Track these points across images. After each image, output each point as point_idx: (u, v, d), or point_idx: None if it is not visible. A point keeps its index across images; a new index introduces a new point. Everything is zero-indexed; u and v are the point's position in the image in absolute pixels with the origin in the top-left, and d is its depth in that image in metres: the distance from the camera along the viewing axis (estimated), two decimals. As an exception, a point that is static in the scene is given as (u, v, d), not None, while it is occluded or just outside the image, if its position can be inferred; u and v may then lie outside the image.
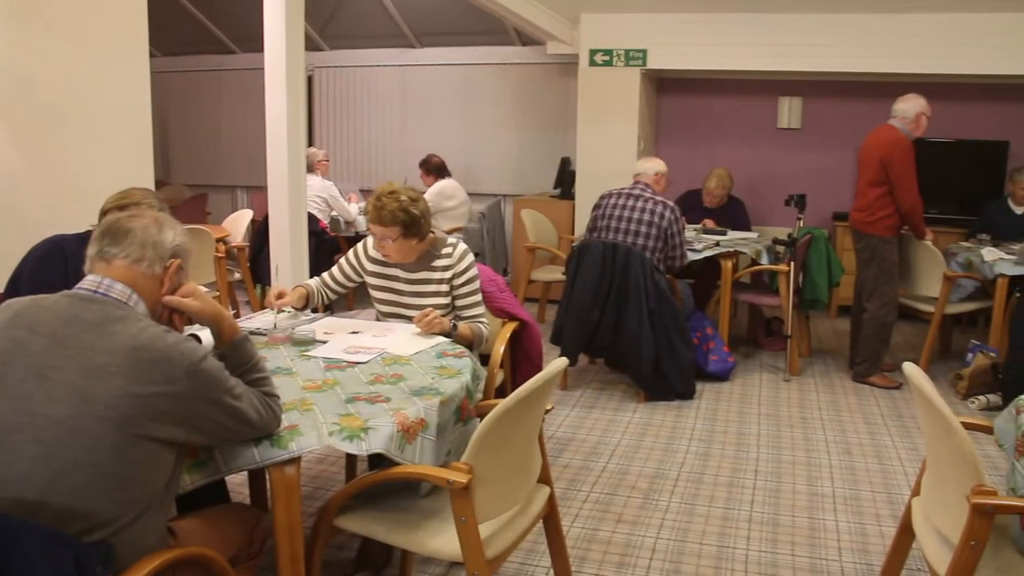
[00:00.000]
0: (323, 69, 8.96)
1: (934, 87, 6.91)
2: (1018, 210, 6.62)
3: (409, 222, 3.14)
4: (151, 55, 4.10)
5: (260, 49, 4.72)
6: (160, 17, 5.04)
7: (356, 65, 8.89)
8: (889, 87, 5.97)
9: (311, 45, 8.55)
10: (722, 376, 5.49)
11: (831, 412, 5.00)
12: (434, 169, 7.39)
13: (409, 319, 3.21)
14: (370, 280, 3.44)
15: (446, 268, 3.31)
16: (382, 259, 3.35)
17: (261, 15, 4.66)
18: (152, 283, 1.98)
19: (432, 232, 3.33)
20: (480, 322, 3.33)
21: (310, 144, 8.45)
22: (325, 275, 3.52)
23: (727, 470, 4.10)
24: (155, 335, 1.82)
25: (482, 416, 2.20)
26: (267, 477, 2.12)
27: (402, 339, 3.02)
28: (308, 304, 3.43)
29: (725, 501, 3.75)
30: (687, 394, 5.11)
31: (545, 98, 8.39)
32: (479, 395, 2.75)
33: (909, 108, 5.33)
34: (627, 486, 3.87)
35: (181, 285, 2.06)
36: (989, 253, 5.67)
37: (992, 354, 5.36)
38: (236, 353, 2.10)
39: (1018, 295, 5.05)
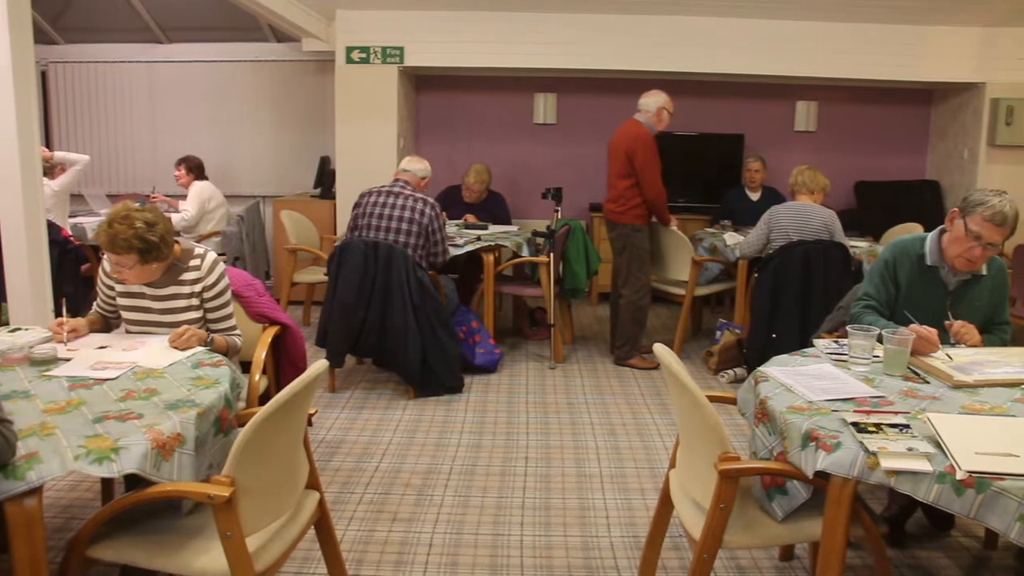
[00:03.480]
0: (59, 64, 8.28)
1: (679, 84, 7.39)
2: (753, 196, 7.20)
3: (146, 249, 2.90)
4: None
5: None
6: None
7: (97, 60, 8.27)
8: (637, 84, 6.30)
9: (43, 38, 7.93)
10: (489, 368, 5.59)
11: (595, 395, 5.22)
12: (195, 168, 7.02)
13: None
14: (118, 300, 3.20)
15: (195, 281, 3.14)
16: None
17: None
18: None
19: (177, 242, 3.13)
20: (234, 334, 3.21)
21: (47, 145, 7.85)
22: (97, 300, 3.27)
23: (498, 459, 4.18)
24: None
25: (244, 425, 2.12)
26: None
27: (155, 351, 2.86)
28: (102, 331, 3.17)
29: (498, 490, 3.82)
30: (456, 388, 5.17)
31: (302, 96, 8.21)
32: (241, 404, 2.66)
33: (651, 103, 5.66)
34: (401, 484, 3.86)
35: None
36: (731, 238, 6.12)
37: (737, 331, 5.80)
38: None
39: (756, 275, 5.48)
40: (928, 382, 2.66)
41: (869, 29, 7.10)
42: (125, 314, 3.19)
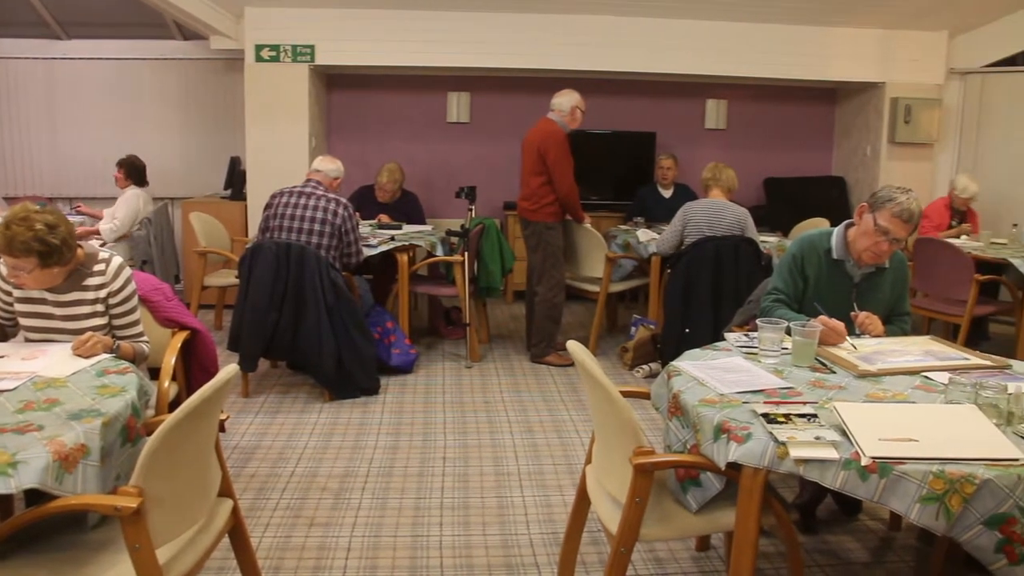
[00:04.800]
0: (-55, 61, 7.93)
1: (592, 83, 7.46)
2: (666, 193, 7.32)
3: (46, 252, 2.77)
4: None
5: None
6: None
7: (-12, 56, 7.97)
8: (550, 82, 6.34)
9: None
10: (405, 368, 5.55)
11: (512, 394, 5.23)
12: (134, 173, 6.77)
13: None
14: (16, 307, 3.06)
15: (100, 286, 3.03)
16: None
17: None
18: None
19: (80, 246, 3.00)
20: (141, 341, 3.12)
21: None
22: None
23: (416, 460, 4.16)
24: None
25: (152, 434, 2.06)
26: None
27: (57, 360, 2.75)
28: None
29: (416, 491, 3.80)
30: (372, 389, 5.13)
31: (211, 95, 8.02)
32: (149, 412, 2.59)
33: (564, 102, 5.70)
34: (318, 488, 3.81)
35: None
36: (644, 234, 6.19)
37: (651, 326, 5.88)
38: None
39: (669, 271, 5.56)
40: (835, 372, 2.73)
41: (777, 30, 7.28)
42: (24, 321, 3.07)
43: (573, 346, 2.53)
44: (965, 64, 7.58)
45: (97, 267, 3.04)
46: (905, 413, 2.33)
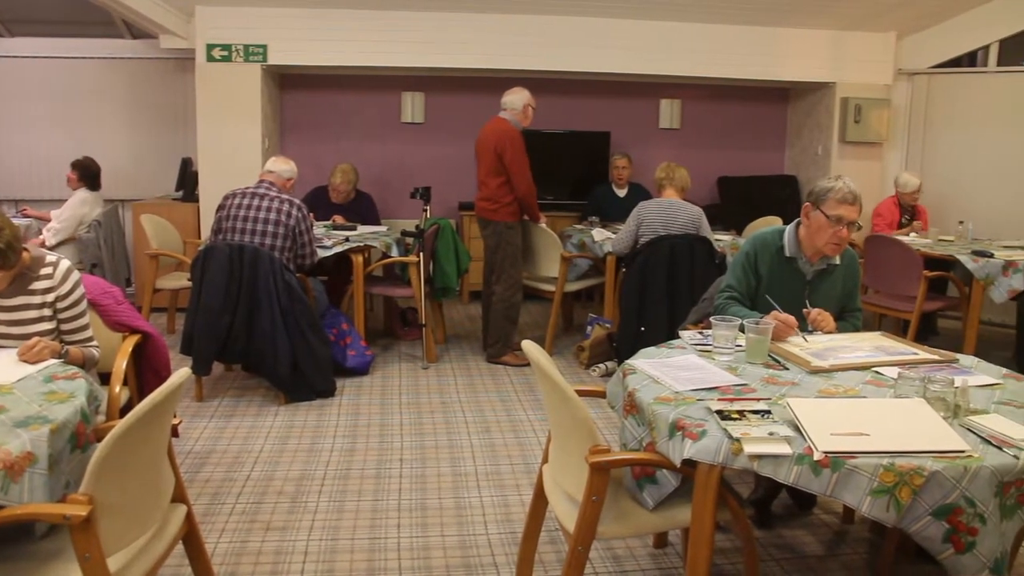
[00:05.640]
0: None
1: (546, 83, 7.49)
2: (620, 193, 7.36)
3: None
4: None
5: None
6: None
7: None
8: (505, 82, 6.34)
9: None
10: (362, 370, 5.52)
11: (469, 394, 5.23)
12: (87, 177, 6.63)
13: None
14: None
15: (47, 290, 2.97)
16: None
17: None
18: None
19: (26, 249, 2.93)
20: (90, 346, 3.07)
21: None
22: None
23: (373, 462, 4.14)
24: None
25: (103, 440, 2.03)
26: None
27: (2, 366, 2.69)
28: None
29: (374, 493, 3.78)
30: (327, 392, 5.09)
31: (162, 95, 7.90)
32: (100, 417, 2.54)
33: (516, 100, 5.71)
34: (274, 492, 3.77)
35: None
36: (599, 234, 6.22)
37: (607, 325, 5.90)
38: None
39: (624, 270, 5.58)
40: (788, 368, 2.77)
41: (730, 31, 7.35)
42: (-32, 327, 3.00)
43: (528, 346, 2.54)
44: (912, 65, 7.72)
45: (44, 271, 2.98)
46: (856, 408, 2.37)
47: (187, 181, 7.42)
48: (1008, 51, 7.37)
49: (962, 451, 2.06)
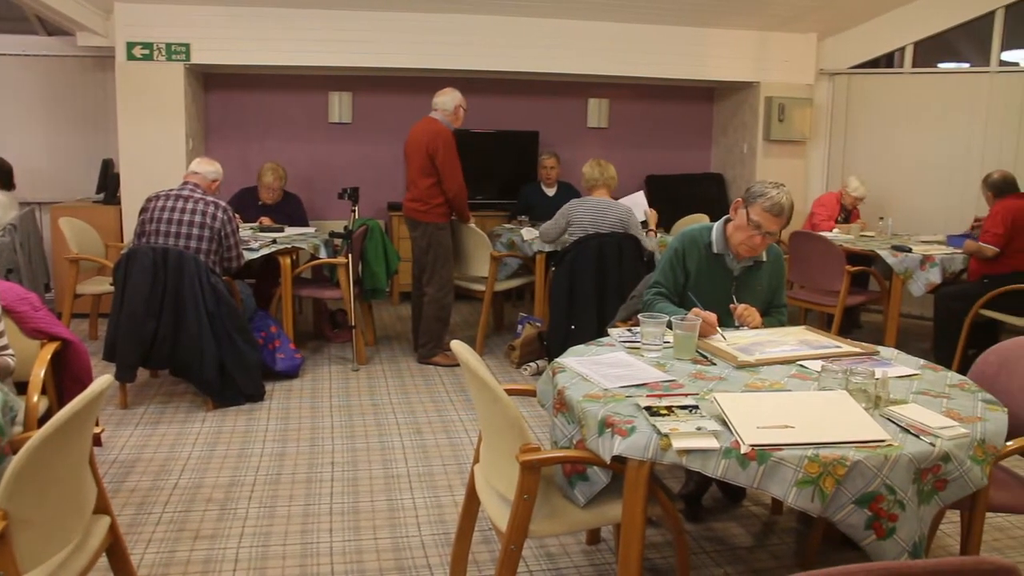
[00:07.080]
0: None
1: (474, 82, 7.47)
2: (549, 192, 7.39)
3: None
4: None
5: None
6: None
7: None
8: (433, 82, 6.32)
9: None
10: (291, 373, 5.46)
11: (400, 395, 5.20)
12: (3, 176, 6.41)
13: None
14: None
15: None
16: None
17: None
18: None
19: None
20: (5, 354, 2.97)
21: None
22: None
23: (304, 466, 4.09)
24: None
25: (18, 452, 1.96)
26: None
27: (-88, 376, 2.61)
28: None
29: (305, 497, 3.74)
30: (256, 396, 5.01)
31: (80, 94, 7.68)
32: (17, 428, 2.46)
33: (447, 101, 5.69)
34: (203, 499, 3.70)
35: None
36: (528, 233, 6.24)
37: (537, 324, 5.92)
38: None
39: (554, 269, 5.61)
40: (715, 364, 2.81)
41: (657, 31, 7.44)
42: None
43: (457, 346, 2.53)
44: (833, 65, 7.91)
45: (-44, 277, 2.88)
46: (781, 401, 2.41)
47: (109, 183, 7.23)
48: (922, 53, 7.63)
49: (882, 440, 2.12)
